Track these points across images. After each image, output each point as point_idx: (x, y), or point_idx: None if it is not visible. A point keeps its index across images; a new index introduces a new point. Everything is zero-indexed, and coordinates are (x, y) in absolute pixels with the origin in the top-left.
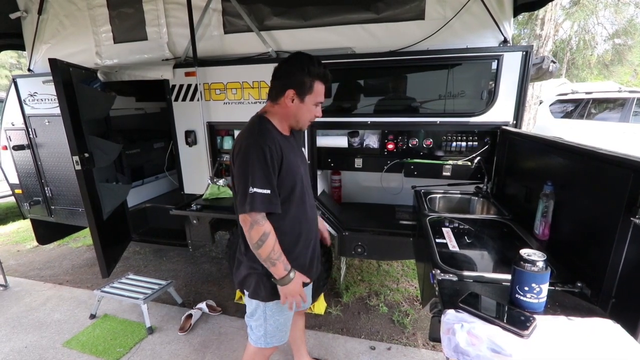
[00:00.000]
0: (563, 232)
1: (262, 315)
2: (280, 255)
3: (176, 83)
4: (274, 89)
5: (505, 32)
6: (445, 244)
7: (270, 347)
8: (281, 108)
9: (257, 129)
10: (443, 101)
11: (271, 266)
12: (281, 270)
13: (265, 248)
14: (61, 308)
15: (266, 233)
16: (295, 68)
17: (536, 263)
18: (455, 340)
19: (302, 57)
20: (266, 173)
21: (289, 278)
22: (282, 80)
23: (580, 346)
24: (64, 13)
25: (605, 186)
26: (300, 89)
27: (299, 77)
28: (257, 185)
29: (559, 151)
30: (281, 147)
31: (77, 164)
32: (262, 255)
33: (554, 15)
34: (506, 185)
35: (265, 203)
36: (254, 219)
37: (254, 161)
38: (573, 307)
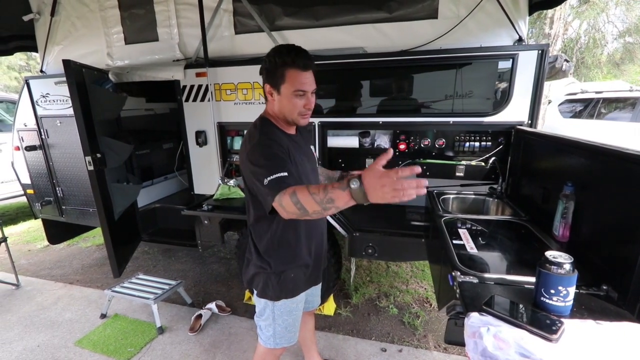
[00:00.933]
0: (584, 234)
1: (270, 315)
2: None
3: (187, 84)
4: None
5: (520, 30)
6: (463, 245)
7: (279, 347)
8: (270, 104)
9: (260, 130)
10: (456, 101)
11: (331, 205)
12: (342, 195)
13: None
14: (72, 307)
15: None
16: (266, 63)
17: (563, 265)
18: (482, 344)
19: (273, 49)
20: (277, 161)
21: (354, 190)
22: (262, 78)
23: (610, 351)
24: (76, 14)
25: (631, 186)
26: (272, 81)
27: (269, 69)
28: (271, 174)
29: (580, 151)
30: (287, 144)
31: (90, 164)
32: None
33: (564, 13)
34: (521, 185)
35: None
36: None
37: (261, 157)
38: (600, 311)
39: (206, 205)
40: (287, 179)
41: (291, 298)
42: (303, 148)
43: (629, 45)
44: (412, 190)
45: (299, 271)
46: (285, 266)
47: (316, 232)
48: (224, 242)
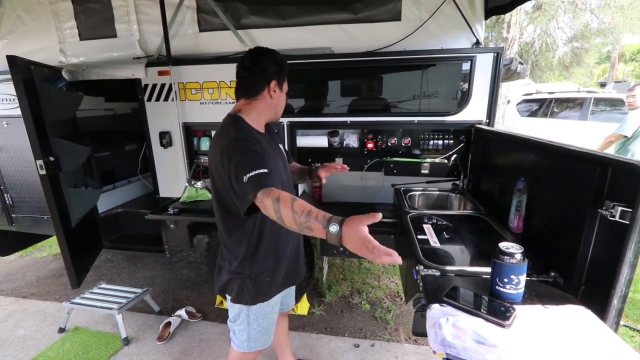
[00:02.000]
0: (536, 225)
1: (245, 320)
2: (308, 215)
3: (149, 82)
4: (251, 85)
5: (477, 34)
6: (427, 240)
7: (253, 351)
8: (261, 102)
9: (234, 128)
10: (420, 101)
11: (308, 231)
12: (319, 228)
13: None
14: (25, 323)
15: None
16: (272, 61)
17: (514, 255)
18: (441, 334)
19: (270, 50)
20: (254, 158)
21: (333, 232)
22: (262, 74)
23: (556, 332)
24: (22, 7)
25: (574, 180)
26: (279, 78)
27: (275, 68)
28: (249, 171)
29: (531, 148)
30: (261, 142)
31: (42, 168)
32: (293, 226)
33: (519, 19)
34: (481, 181)
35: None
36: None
37: (238, 155)
38: (548, 296)
39: (172, 208)
40: (267, 176)
41: (267, 301)
42: (274, 146)
43: (576, 50)
44: (385, 259)
45: (276, 274)
46: (262, 270)
47: (293, 234)
48: (192, 246)
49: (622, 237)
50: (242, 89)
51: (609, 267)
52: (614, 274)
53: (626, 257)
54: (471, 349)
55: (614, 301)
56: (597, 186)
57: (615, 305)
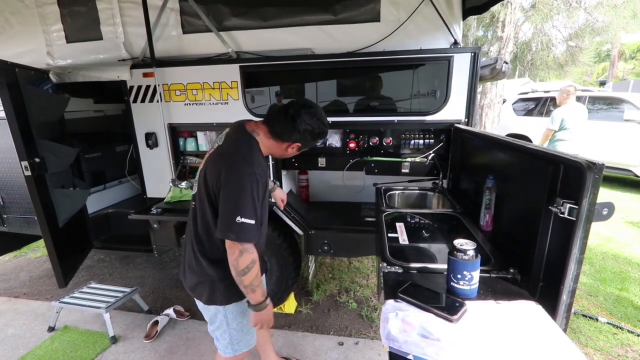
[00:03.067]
0: (502, 223)
1: (223, 321)
2: (260, 283)
3: (134, 84)
4: (283, 129)
5: (455, 34)
6: (397, 238)
7: (239, 354)
8: (278, 145)
9: (252, 156)
10: (400, 101)
11: (250, 292)
12: (259, 297)
13: (250, 275)
14: (16, 322)
15: (254, 261)
16: (313, 128)
17: (467, 252)
18: (387, 328)
19: (321, 117)
20: (255, 204)
21: (264, 304)
22: (298, 133)
23: (503, 326)
24: (9, 10)
25: (532, 178)
26: (305, 145)
27: (311, 138)
28: (245, 216)
29: (499, 147)
30: (265, 171)
31: (27, 169)
32: (245, 282)
33: (514, 18)
34: (460, 180)
35: (252, 232)
36: (244, 247)
37: (247, 191)
38: (503, 292)
39: (155, 208)
40: (254, 230)
41: (242, 300)
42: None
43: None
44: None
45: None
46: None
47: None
48: (180, 246)
49: (570, 233)
50: (271, 124)
51: (561, 263)
52: (562, 269)
53: (573, 253)
54: (412, 343)
55: (563, 296)
56: (550, 184)
57: (565, 300)
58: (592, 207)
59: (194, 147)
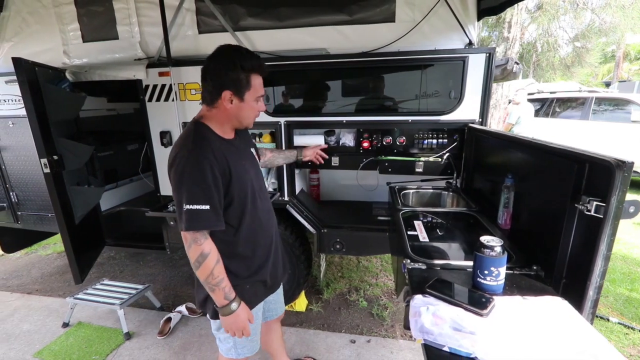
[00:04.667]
0: (522, 221)
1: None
2: (220, 282)
3: (150, 83)
4: (206, 92)
5: (470, 34)
6: (416, 236)
7: (242, 357)
8: (219, 111)
9: (193, 139)
10: (414, 100)
11: (210, 292)
12: (221, 299)
13: (203, 270)
14: (31, 318)
15: (204, 254)
16: (226, 66)
17: (494, 248)
18: (420, 321)
19: (229, 51)
20: (203, 187)
21: (229, 309)
22: (215, 82)
23: (533, 321)
24: (27, 10)
25: (555, 177)
26: (237, 87)
27: (233, 75)
28: (192, 202)
29: (518, 146)
30: (225, 156)
31: (46, 166)
32: (201, 278)
33: (520, 18)
34: (474, 179)
35: (202, 220)
36: (193, 237)
37: (189, 175)
38: (528, 288)
39: (172, 206)
40: (208, 216)
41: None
42: (243, 153)
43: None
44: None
45: (255, 283)
46: (238, 280)
47: (271, 240)
48: None
49: (596, 230)
50: (203, 95)
51: (586, 260)
52: (590, 266)
53: (600, 249)
54: (447, 335)
55: (589, 292)
56: (575, 182)
57: (591, 296)
58: (620, 204)
59: None
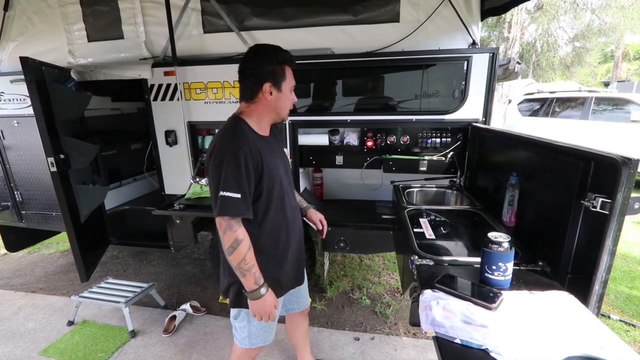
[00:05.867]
0: (527, 218)
1: (245, 318)
2: (252, 267)
3: (155, 82)
4: (246, 88)
5: (473, 34)
6: (422, 233)
7: (255, 347)
8: (259, 105)
9: (232, 131)
10: (418, 100)
11: (241, 276)
12: (251, 283)
13: (236, 255)
14: (35, 317)
15: (238, 240)
16: (263, 61)
17: (502, 244)
18: (431, 315)
19: (263, 48)
20: (238, 177)
21: (258, 293)
22: (254, 78)
23: (540, 314)
24: (32, 10)
25: (560, 175)
26: (275, 79)
27: (270, 68)
28: (227, 189)
29: (522, 144)
30: (259, 149)
31: (53, 165)
32: (233, 263)
33: (520, 19)
34: (477, 177)
35: (235, 208)
36: (228, 223)
37: (226, 164)
38: (535, 283)
39: (178, 204)
40: (239, 204)
41: None
42: (276, 150)
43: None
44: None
45: (277, 275)
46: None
47: (294, 238)
48: (197, 242)
49: (602, 226)
50: (241, 92)
51: (592, 256)
52: (595, 261)
53: (606, 245)
54: (459, 328)
55: (595, 287)
56: (580, 179)
57: (597, 290)
58: (626, 200)
59: None
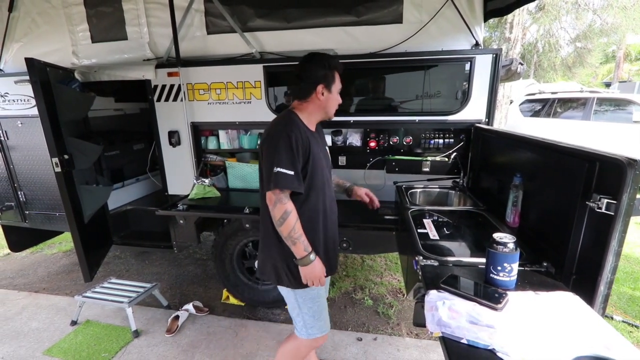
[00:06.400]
0: (531, 219)
1: (295, 304)
2: (300, 236)
3: (158, 83)
4: (302, 88)
5: (477, 35)
6: (426, 234)
7: (312, 338)
8: (311, 103)
9: (286, 120)
10: (421, 101)
11: (292, 245)
12: (301, 250)
13: (286, 225)
14: (39, 316)
15: (288, 211)
16: (318, 65)
17: (507, 245)
18: (438, 315)
19: (319, 55)
20: (290, 156)
21: (308, 259)
22: (310, 79)
23: (545, 315)
24: (36, 11)
25: (564, 175)
26: (327, 82)
27: (323, 72)
28: (281, 166)
29: (527, 145)
30: (308, 138)
31: (57, 166)
32: (284, 233)
33: (522, 19)
34: (480, 178)
35: (288, 182)
36: (278, 197)
37: (280, 145)
38: (540, 284)
39: (181, 204)
40: (292, 179)
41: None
42: (320, 145)
43: (580, 50)
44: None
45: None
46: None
47: (330, 226)
48: (200, 242)
49: (607, 227)
50: (295, 92)
51: (596, 256)
52: (600, 261)
53: (611, 245)
54: (465, 328)
55: (600, 287)
56: (585, 180)
57: (602, 291)
58: (631, 202)
59: (215, 145)
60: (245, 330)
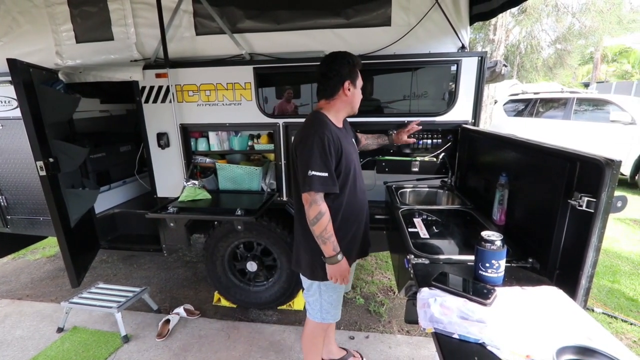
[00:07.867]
0: (516, 217)
1: (317, 291)
2: (331, 236)
3: (146, 84)
4: (328, 87)
5: (462, 39)
6: (417, 232)
7: (325, 322)
8: (337, 100)
9: (316, 122)
10: (410, 102)
11: (322, 244)
12: (330, 250)
13: (319, 225)
14: (23, 324)
15: (322, 212)
16: (342, 63)
17: (495, 242)
18: (430, 312)
19: (341, 54)
20: (324, 158)
21: (336, 259)
22: (336, 78)
23: (531, 309)
24: (17, 9)
25: (547, 175)
26: (352, 77)
27: (347, 68)
28: (315, 169)
29: (512, 146)
30: (339, 137)
31: (42, 169)
32: (316, 232)
33: (505, 22)
34: (468, 178)
35: (322, 184)
36: (313, 198)
37: (313, 148)
38: (526, 279)
39: (172, 207)
40: (326, 181)
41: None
42: (349, 139)
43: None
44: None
45: (348, 251)
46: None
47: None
48: (190, 245)
49: (588, 224)
50: (321, 92)
51: (578, 252)
52: (582, 256)
53: (591, 241)
54: (456, 323)
55: (582, 281)
56: (567, 179)
57: (584, 285)
58: (610, 199)
59: (205, 147)
60: (238, 333)
